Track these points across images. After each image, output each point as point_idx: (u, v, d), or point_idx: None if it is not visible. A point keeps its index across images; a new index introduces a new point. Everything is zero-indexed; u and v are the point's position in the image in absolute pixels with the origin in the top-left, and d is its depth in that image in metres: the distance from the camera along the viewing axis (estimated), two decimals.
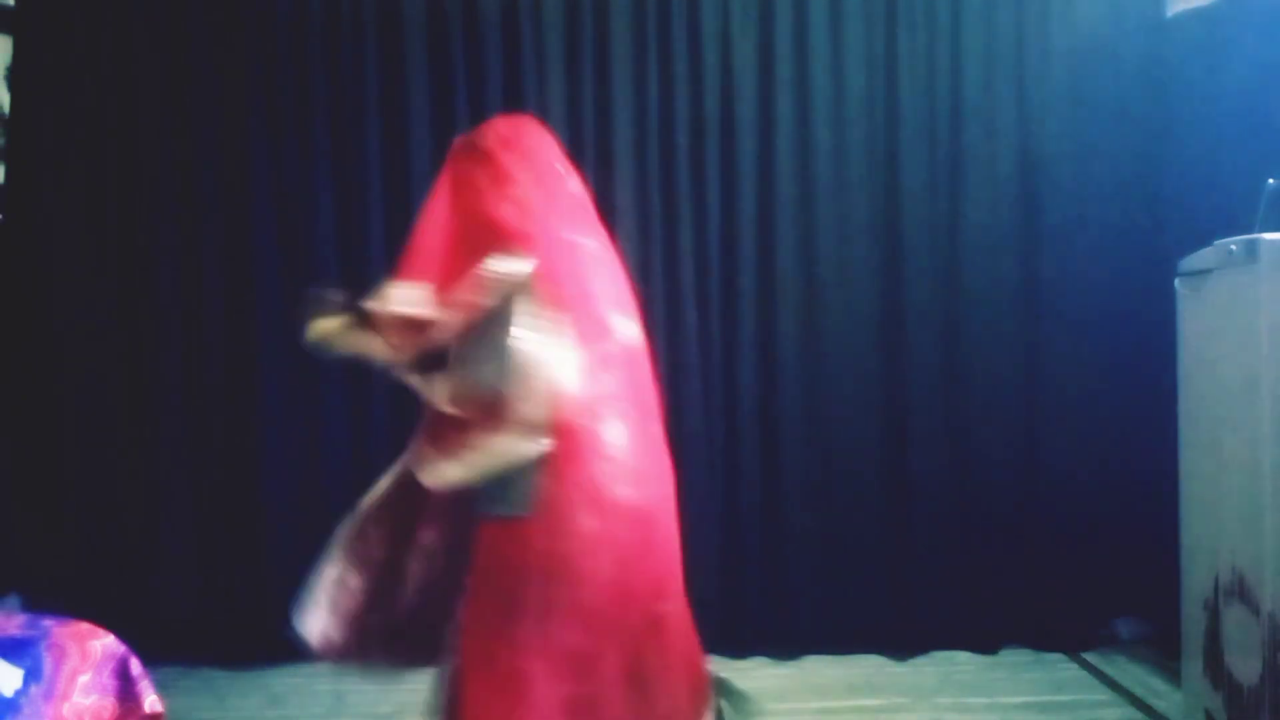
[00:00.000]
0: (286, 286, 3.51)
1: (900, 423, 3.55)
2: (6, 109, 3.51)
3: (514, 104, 3.52)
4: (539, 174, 2.09)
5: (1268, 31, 3.06)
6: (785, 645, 3.52)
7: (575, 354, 1.99)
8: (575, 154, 3.44)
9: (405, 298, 2.00)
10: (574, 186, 2.19)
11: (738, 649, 3.48)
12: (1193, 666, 2.69)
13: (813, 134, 3.52)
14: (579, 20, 3.51)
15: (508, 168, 2.05)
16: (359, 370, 3.51)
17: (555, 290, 1.99)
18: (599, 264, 2.13)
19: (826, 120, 3.52)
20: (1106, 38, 3.54)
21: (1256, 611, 2.36)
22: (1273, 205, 2.55)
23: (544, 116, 3.47)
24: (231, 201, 3.50)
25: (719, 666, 3.35)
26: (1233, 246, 2.45)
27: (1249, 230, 2.48)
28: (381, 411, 3.53)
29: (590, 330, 2.03)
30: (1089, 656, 3.48)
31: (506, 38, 3.52)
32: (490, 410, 1.94)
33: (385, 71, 3.50)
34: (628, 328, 2.11)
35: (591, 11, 3.51)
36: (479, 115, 3.50)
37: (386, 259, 3.45)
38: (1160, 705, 3.04)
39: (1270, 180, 2.57)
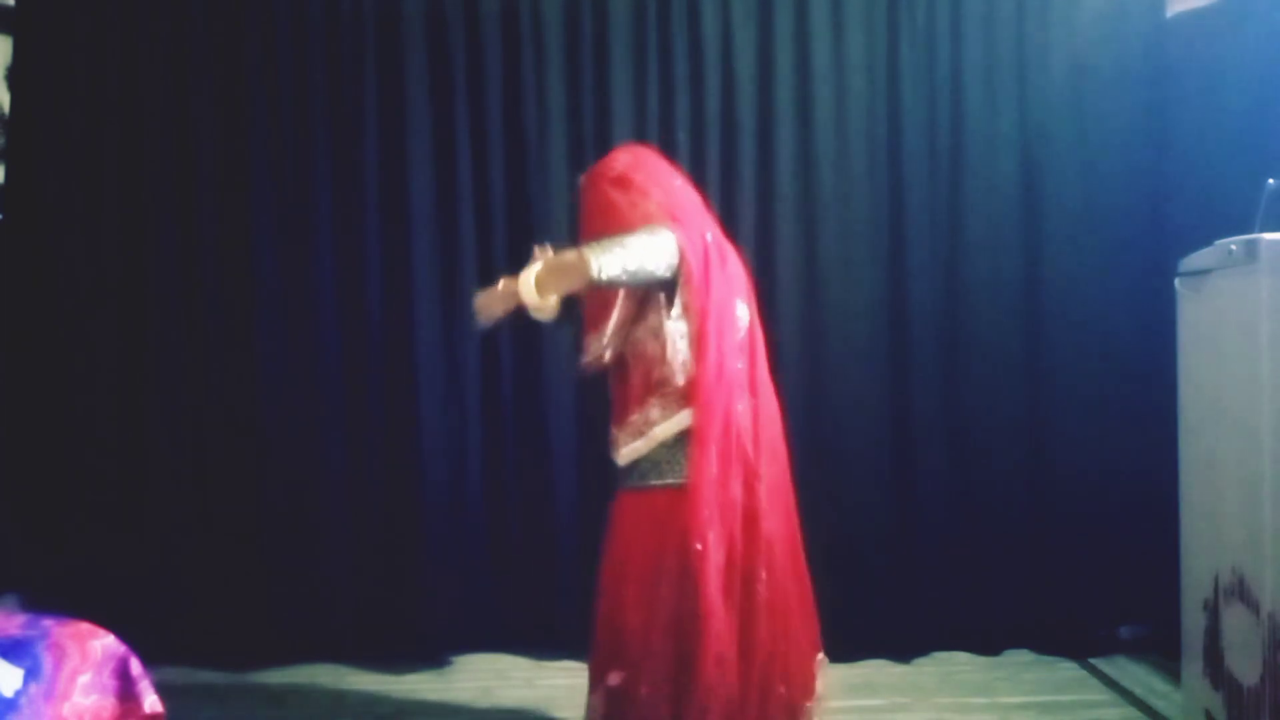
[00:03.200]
0: (286, 285, 3.52)
1: (902, 424, 3.54)
2: (6, 109, 3.51)
3: (514, 104, 3.52)
4: (667, 188, 2.38)
5: (1268, 31, 3.06)
6: None
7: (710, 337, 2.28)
8: (575, 154, 3.49)
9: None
10: (694, 196, 2.48)
11: None
12: (1193, 667, 2.70)
13: (813, 134, 3.51)
14: (579, 20, 3.51)
15: (643, 185, 2.33)
16: (358, 370, 3.52)
17: (699, 282, 2.27)
18: (725, 256, 2.38)
19: (827, 120, 3.52)
20: (1106, 38, 3.53)
21: (1256, 611, 2.36)
22: (1273, 205, 2.55)
23: (544, 116, 3.52)
24: (231, 201, 3.50)
25: None
26: (1233, 246, 2.45)
27: (1249, 230, 2.48)
28: (380, 412, 3.53)
29: (727, 318, 2.31)
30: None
31: (506, 38, 3.52)
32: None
33: (385, 72, 3.50)
34: (746, 314, 2.40)
35: (591, 12, 3.51)
36: (479, 115, 3.52)
37: (384, 256, 3.50)
38: (1160, 705, 3.04)
39: (1270, 180, 2.57)
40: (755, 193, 3.54)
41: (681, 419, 2.25)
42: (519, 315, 2.37)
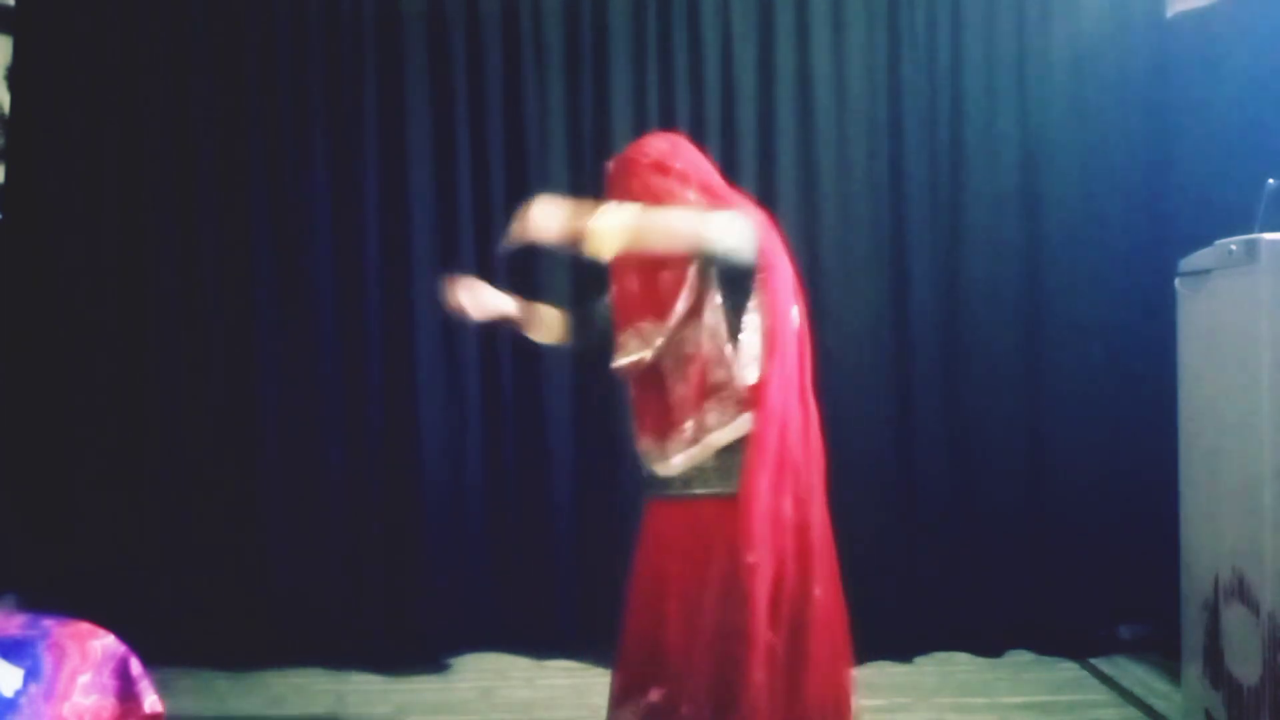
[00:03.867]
0: (285, 285, 3.52)
1: (902, 423, 3.55)
2: (6, 109, 3.51)
3: (514, 104, 3.52)
4: (706, 177, 2.20)
5: (1268, 31, 3.06)
6: None
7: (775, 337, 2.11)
8: (575, 154, 3.50)
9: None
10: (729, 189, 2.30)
11: None
12: (1193, 667, 2.69)
13: (814, 135, 3.52)
14: (579, 20, 3.51)
15: (682, 172, 2.15)
16: (358, 370, 3.52)
17: (775, 273, 2.12)
18: (781, 251, 2.21)
19: (827, 121, 3.52)
20: (1107, 38, 3.54)
21: (1256, 611, 2.36)
22: (1273, 205, 2.54)
23: (544, 116, 3.52)
24: (230, 200, 3.50)
25: None
26: (1233, 246, 2.45)
27: (1249, 230, 2.48)
28: (379, 412, 3.53)
29: (789, 317, 2.15)
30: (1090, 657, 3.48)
31: (506, 38, 3.52)
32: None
33: (385, 71, 3.50)
34: (796, 316, 2.22)
35: (591, 11, 3.51)
36: (479, 115, 3.52)
37: (382, 255, 3.50)
38: (1160, 706, 3.04)
39: (1270, 180, 2.57)
40: (755, 194, 3.52)
41: (740, 424, 2.09)
42: (516, 332, 2.32)
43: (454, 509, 3.51)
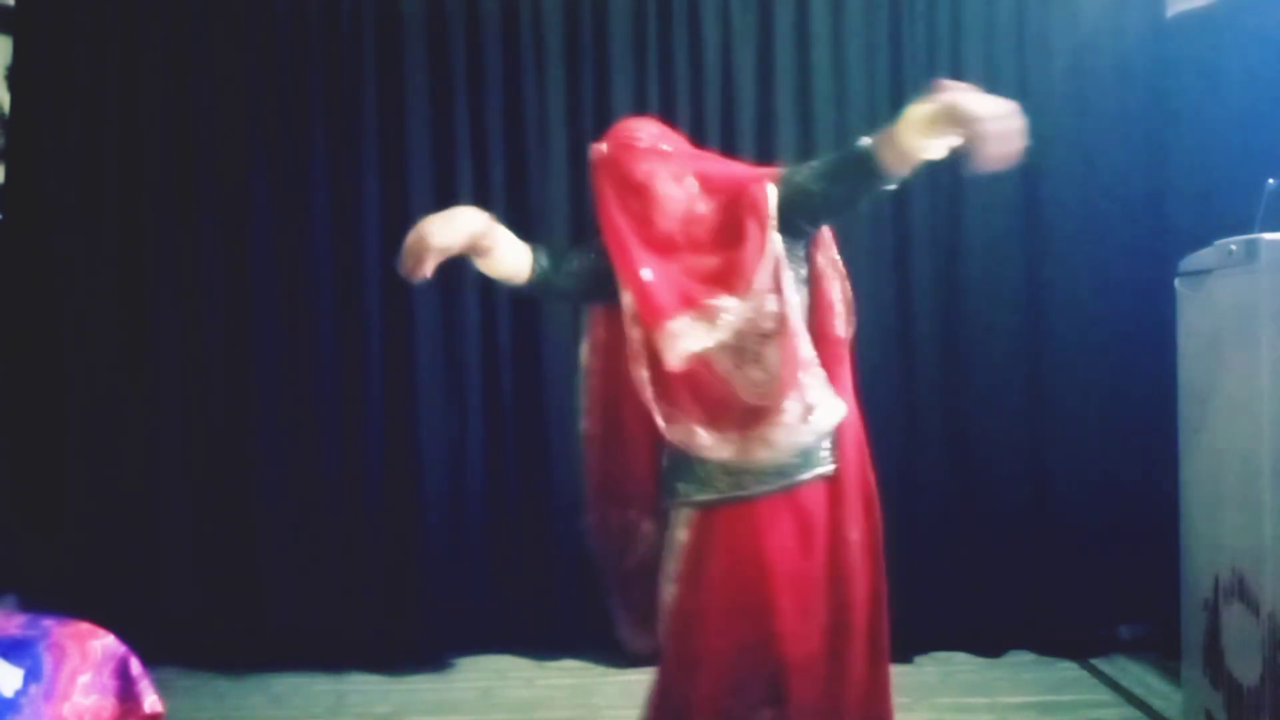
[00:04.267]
0: (284, 285, 3.52)
1: (903, 422, 3.54)
2: (6, 109, 3.51)
3: (514, 104, 3.52)
4: (697, 160, 2.10)
5: (1268, 32, 3.06)
6: None
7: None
8: (575, 154, 3.49)
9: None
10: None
11: None
12: (1193, 667, 2.70)
13: (814, 136, 3.51)
14: (579, 20, 3.52)
15: (678, 156, 2.03)
16: (358, 370, 3.52)
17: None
18: None
19: (827, 122, 3.52)
20: (1107, 38, 3.54)
21: (1256, 611, 2.36)
22: (1273, 205, 2.55)
23: (544, 116, 3.52)
24: (230, 201, 3.50)
25: None
26: (1233, 246, 2.45)
27: (1249, 230, 2.48)
28: (377, 412, 3.53)
29: (844, 279, 2.15)
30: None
31: (506, 38, 3.52)
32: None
33: (385, 71, 3.50)
34: None
35: (591, 12, 3.52)
36: (479, 115, 3.52)
37: (381, 254, 3.50)
38: (1160, 706, 3.04)
39: (1270, 180, 2.57)
40: None
41: (836, 399, 1.97)
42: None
43: (454, 509, 3.51)
